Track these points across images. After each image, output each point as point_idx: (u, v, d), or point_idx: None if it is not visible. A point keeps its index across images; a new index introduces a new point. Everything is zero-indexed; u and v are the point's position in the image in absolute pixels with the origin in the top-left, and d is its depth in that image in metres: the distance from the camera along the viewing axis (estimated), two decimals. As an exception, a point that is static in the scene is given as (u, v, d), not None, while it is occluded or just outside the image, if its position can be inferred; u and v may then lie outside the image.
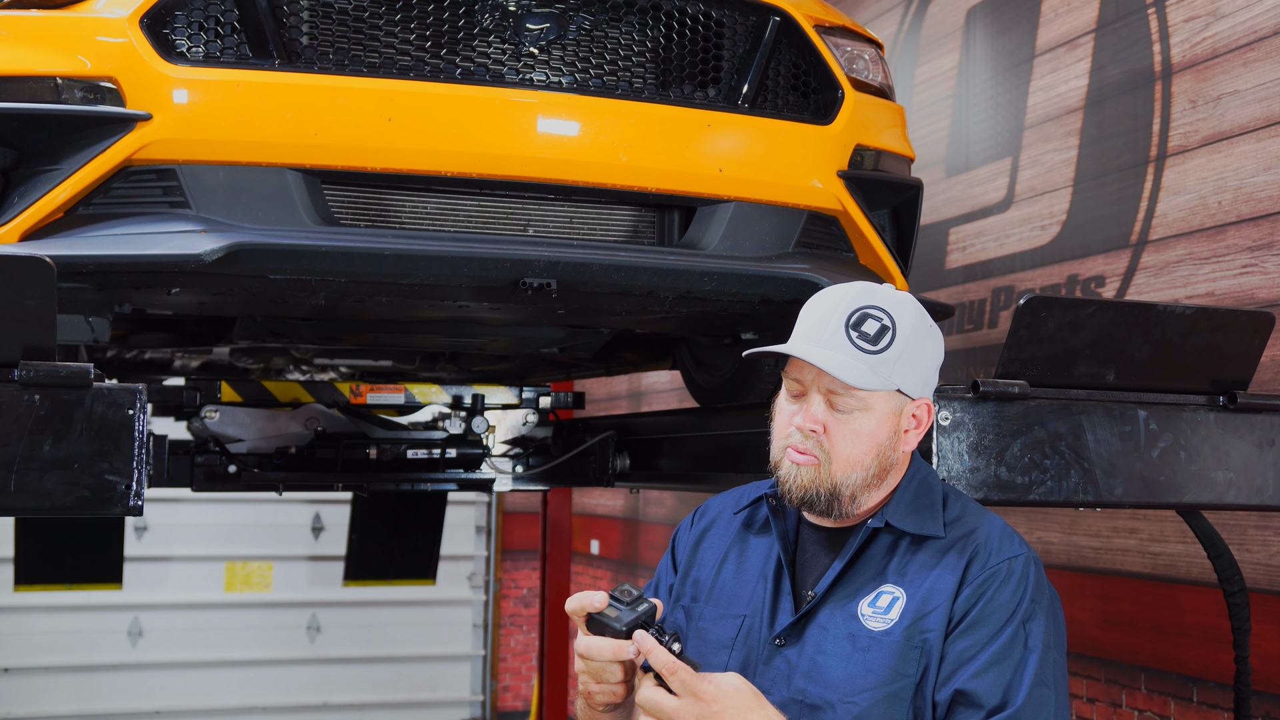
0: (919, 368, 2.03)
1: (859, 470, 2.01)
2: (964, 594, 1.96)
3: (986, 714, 1.89)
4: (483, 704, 10.35)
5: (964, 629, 1.94)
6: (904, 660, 1.95)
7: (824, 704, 1.96)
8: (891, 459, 2.04)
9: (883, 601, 2.00)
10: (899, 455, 2.06)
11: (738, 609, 2.10)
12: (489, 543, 10.48)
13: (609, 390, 9.13)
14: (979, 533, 2.03)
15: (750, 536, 2.17)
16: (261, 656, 9.68)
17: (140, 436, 2.18)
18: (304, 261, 2.67)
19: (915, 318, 2.04)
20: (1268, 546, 3.96)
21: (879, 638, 1.97)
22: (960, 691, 1.91)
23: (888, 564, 2.03)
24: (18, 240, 2.57)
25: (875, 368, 1.99)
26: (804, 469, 2.01)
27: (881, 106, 3.28)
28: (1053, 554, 4.94)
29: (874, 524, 2.03)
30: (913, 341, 2.02)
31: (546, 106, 2.86)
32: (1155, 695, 4.43)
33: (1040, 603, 1.98)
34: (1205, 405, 2.74)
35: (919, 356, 2.03)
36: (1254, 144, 4.08)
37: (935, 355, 2.08)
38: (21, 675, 9.18)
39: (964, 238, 5.49)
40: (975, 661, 1.92)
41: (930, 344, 2.07)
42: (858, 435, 2.01)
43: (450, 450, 4.80)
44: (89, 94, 2.62)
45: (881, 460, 2.03)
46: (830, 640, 1.99)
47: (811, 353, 1.98)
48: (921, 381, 2.05)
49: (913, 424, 2.06)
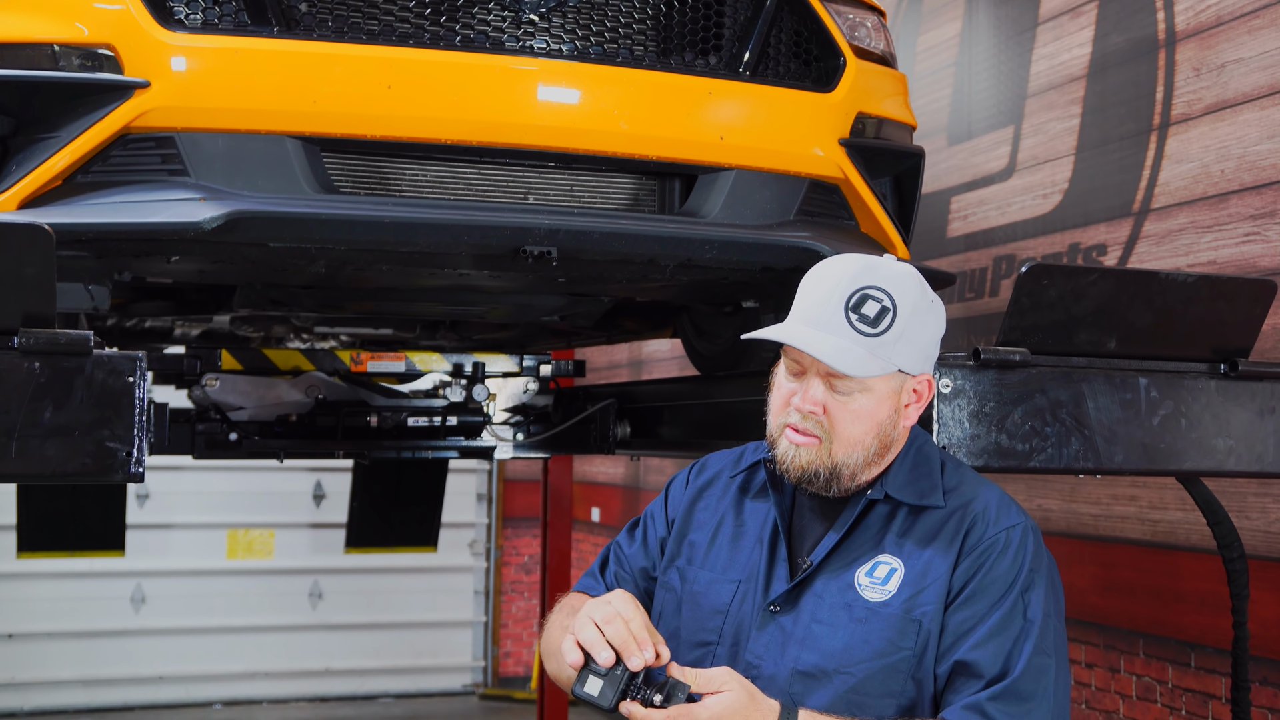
0: (919, 345, 2.02)
1: (859, 450, 2.00)
2: (962, 565, 1.97)
3: (986, 684, 1.90)
4: (484, 670, 10.41)
5: (963, 600, 1.95)
6: (901, 634, 1.95)
7: (819, 673, 1.97)
8: (892, 436, 2.03)
9: (880, 572, 2.00)
10: (899, 431, 2.05)
11: (733, 574, 2.10)
12: (490, 510, 10.51)
13: (610, 358, 9.13)
14: (977, 502, 2.03)
15: (747, 500, 2.17)
16: (264, 623, 9.72)
17: (141, 404, 2.18)
18: (303, 229, 2.66)
19: (916, 295, 2.01)
20: (1267, 513, 3.97)
21: (876, 609, 1.97)
22: (960, 662, 1.92)
23: (885, 534, 2.02)
24: (16, 208, 2.56)
25: (875, 351, 1.96)
26: (803, 450, 2.00)
27: (883, 74, 3.26)
28: (1052, 521, 4.95)
29: (873, 495, 2.03)
30: (913, 321, 1.99)
31: (547, 74, 2.84)
32: (1153, 661, 4.45)
33: (1039, 571, 1.98)
34: (1206, 373, 2.74)
35: (919, 335, 2.01)
36: (1258, 112, 4.06)
37: (936, 331, 2.06)
38: (25, 641, 9.23)
39: (966, 206, 5.48)
40: (975, 633, 1.93)
41: (931, 320, 2.04)
42: (857, 416, 1.99)
43: (451, 418, 4.80)
44: (86, 61, 2.61)
45: (882, 438, 2.02)
46: (826, 609, 1.99)
47: (810, 340, 1.96)
48: (922, 358, 2.03)
49: (913, 399, 2.05)
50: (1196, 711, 4.25)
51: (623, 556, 2.24)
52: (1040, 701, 1.90)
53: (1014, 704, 1.89)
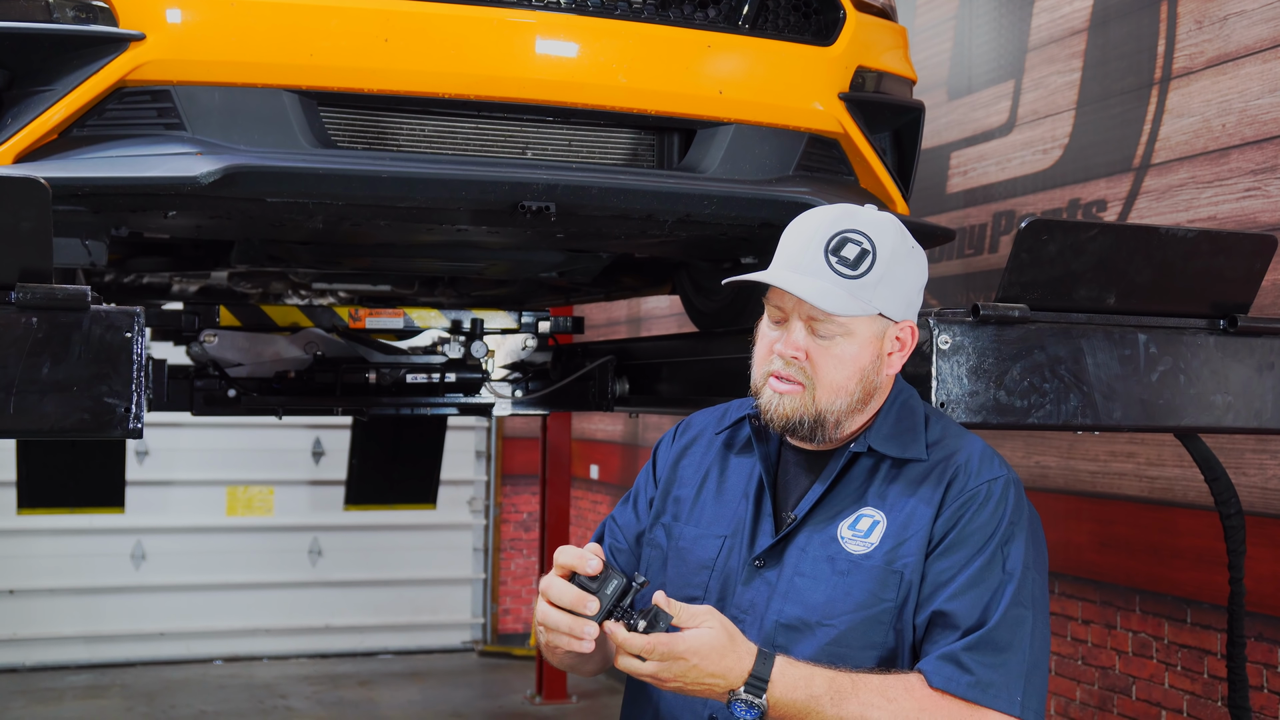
0: (900, 290, 2.02)
1: (843, 396, 2.01)
2: (943, 516, 1.98)
3: (962, 634, 1.91)
4: (483, 626, 10.46)
5: (942, 551, 1.96)
6: (883, 585, 1.96)
7: (802, 625, 1.98)
8: (875, 383, 2.04)
9: (863, 525, 2.01)
10: (883, 379, 2.05)
11: (719, 529, 2.11)
12: (489, 467, 10.53)
13: (608, 315, 9.12)
14: (959, 455, 2.03)
15: (731, 456, 2.17)
16: (263, 580, 9.76)
17: (139, 359, 2.17)
18: (301, 184, 2.65)
19: (896, 240, 2.02)
20: (1264, 470, 3.98)
21: (859, 562, 1.98)
22: (938, 612, 1.93)
23: (868, 487, 2.03)
24: (12, 162, 2.55)
25: (855, 293, 1.98)
26: (786, 398, 2.00)
27: (883, 28, 3.24)
28: (1050, 478, 4.96)
29: (856, 448, 2.04)
30: (893, 264, 2.00)
31: (545, 26, 2.82)
32: (1150, 617, 4.47)
33: (1019, 524, 1.98)
34: (1205, 329, 2.73)
35: (900, 279, 2.02)
36: (1260, 65, 4.04)
37: (918, 277, 2.07)
38: (26, 597, 9.27)
39: (965, 162, 5.46)
40: (953, 583, 1.94)
41: (912, 265, 2.05)
42: (840, 360, 2.00)
43: (449, 375, 4.80)
44: (81, 13, 2.59)
45: (865, 385, 2.02)
46: (809, 562, 2.00)
47: (790, 280, 1.97)
48: (904, 304, 2.03)
49: (896, 346, 2.05)
50: (1192, 667, 4.28)
51: (616, 528, 2.25)
52: (1016, 652, 1.91)
53: (989, 654, 1.90)
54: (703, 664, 1.85)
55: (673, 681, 1.87)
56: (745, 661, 1.87)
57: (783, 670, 1.88)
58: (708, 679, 1.86)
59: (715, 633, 1.86)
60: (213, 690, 8.87)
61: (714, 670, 1.86)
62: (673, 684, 1.88)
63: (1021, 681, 1.91)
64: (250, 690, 8.89)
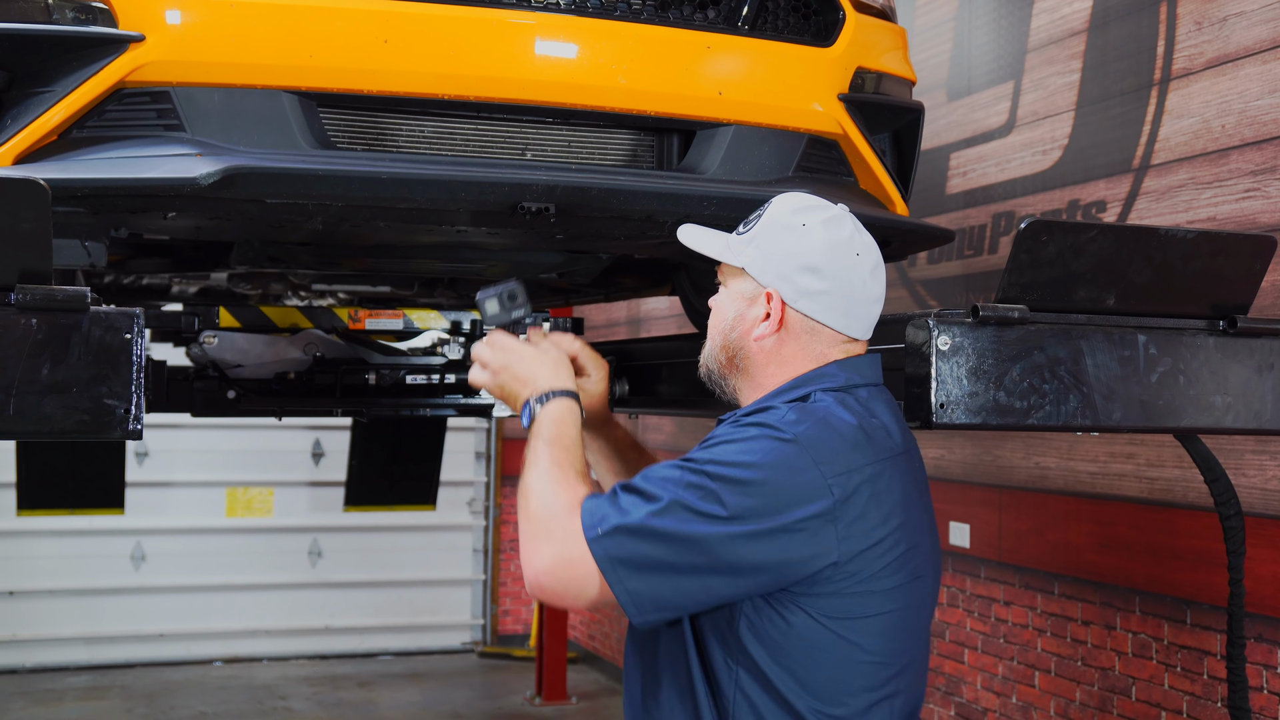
0: (770, 254, 2.14)
1: (711, 348, 2.24)
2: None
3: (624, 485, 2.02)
4: (483, 628, 10.46)
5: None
6: None
7: None
8: (735, 345, 2.18)
9: None
10: (749, 346, 2.16)
11: None
12: (489, 468, 10.53)
13: (608, 316, 9.12)
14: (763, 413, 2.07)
15: None
16: (263, 581, 9.76)
17: (138, 360, 2.17)
18: (300, 185, 2.65)
19: (784, 210, 2.17)
20: (1264, 471, 3.98)
21: None
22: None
23: None
24: (11, 163, 2.55)
25: (731, 244, 2.19)
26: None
27: (883, 28, 3.24)
28: (1050, 479, 4.96)
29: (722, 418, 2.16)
30: (770, 228, 2.16)
31: (544, 28, 2.82)
32: (1149, 618, 4.47)
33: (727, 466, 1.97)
34: (1205, 330, 2.73)
35: (772, 244, 2.14)
36: (1259, 66, 4.04)
37: (794, 250, 2.12)
38: (26, 599, 9.27)
39: (965, 163, 5.46)
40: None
41: (789, 238, 2.13)
42: (715, 311, 2.24)
43: (449, 376, 4.80)
44: (80, 14, 2.59)
45: (726, 343, 2.19)
46: None
47: (687, 231, 2.27)
48: (772, 270, 2.13)
49: (761, 315, 2.15)
50: (1192, 668, 4.28)
51: None
52: (635, 512, 1.96)
53: (626, 495, 1.99)
54: (518, 365, 2.23)
55: (499, 374, 2.25)
56: (548, 383, 2.20)
57: (568, 407, 2.18)
58: (518, 383, 2.23)
59: (542, 350, 2.26)
60: (212, 691, 8.87)
61: (524, 374, 2.22)
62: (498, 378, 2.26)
63: (619, 525, 1.95)
64: (250, 691, 8.89)
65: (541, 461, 2.11)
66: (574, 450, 2.12)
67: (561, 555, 1.98)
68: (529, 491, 2.09)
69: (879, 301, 2.19)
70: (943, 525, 5.60)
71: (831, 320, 2.13)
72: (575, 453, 2.12)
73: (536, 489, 2.08)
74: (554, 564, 1.98)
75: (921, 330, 2.49)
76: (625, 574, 1.93)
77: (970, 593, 5.42)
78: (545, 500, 2.05)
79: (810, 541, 1.94)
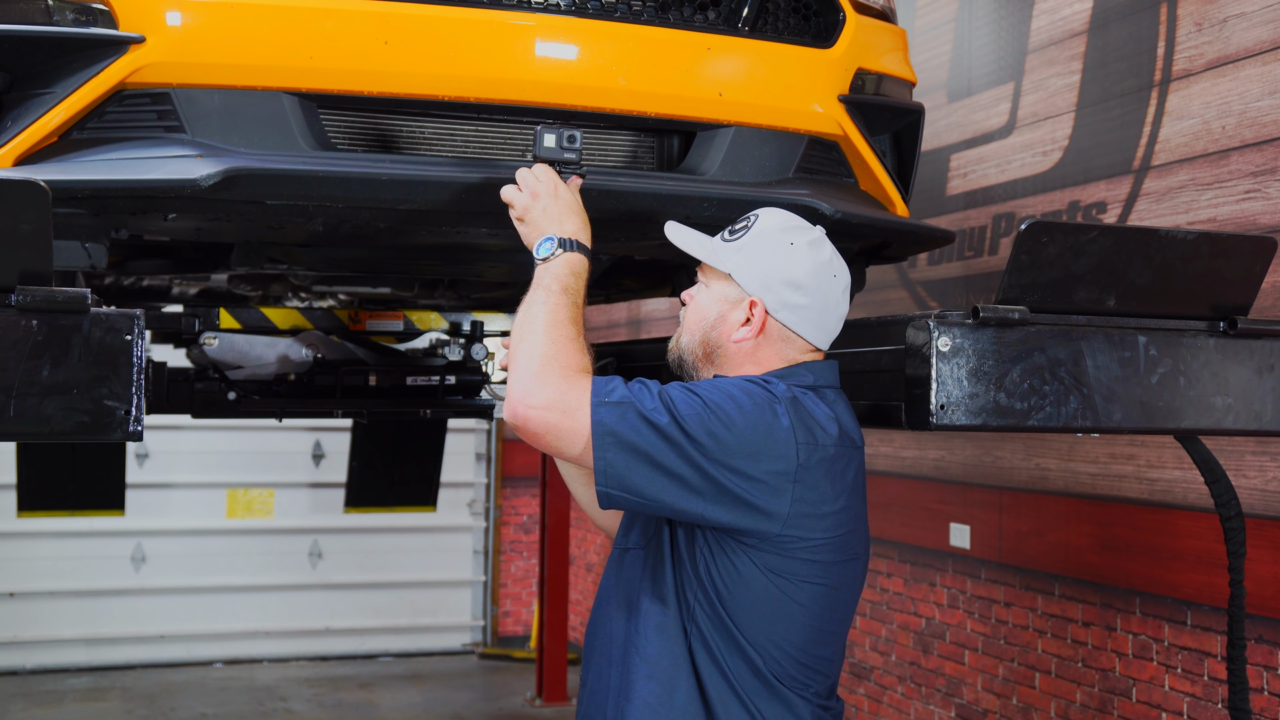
0: (756, 265, 2.33)
1: (688, 340, 2.39)
2: None
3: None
4: (483, 629, 10.46)
5: None
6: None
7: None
8: (714, 342, 2.35)
9: None
10: (728, 346, 2.34)
11: None
12: (489, 470, 10.53)
13: (608, 318, 9.13)
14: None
15: None
16: (264, 582, 9.77)
17: (139, 362, 2.17)
18: (301, 187, 2.65)
19: (774, 225, 2.36)
20: (1264, 472, 3.98)
21: None
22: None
23: None
24: (12, 165, 2.55)
25: (717, 249, 2.37)
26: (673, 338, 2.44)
27: (883, 30, 3.24)
28: (1050, 480, 4.96)
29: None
30: (759, 241, 2.34)
31: (544, 29, 2.82)
32: (1150, 619, 4.47)
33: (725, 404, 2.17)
34: (1205, 331, 2.73)
35: (759, 256, 2.33)
36: (1260, 67, 4.04)
37: (781, 266, 2.32)
38: (26, 600, 9.27)
39: (965, 164, 5.46)
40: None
41: (776, 254, 2.33)
42: (695, 307, 2.40)
43: (450, 377, 4.80)
44: (80, 16, 2.59)
45: (705, 339, 2.36)
46: None
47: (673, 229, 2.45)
48: (757, 280, 2.33)
49: (742, 319, 2.33)
50: (1192, 669, 4.28)
51: None
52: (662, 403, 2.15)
53: (645, 389, 2.19)
54: (555, 203, 2.39)
55: (536, 200, 2.40)
56: (575, 231, 2.37)
57: (585, 265, 2.35)
58: (548, 218, 2.38)
59: (580, 204, 2.43)
60: (213, 693, 8.87)
61: (557, 214, 2.38)
62: (535, 203, 2.40)
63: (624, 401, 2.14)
64: (250, 693, 8.89)
65: (559, 310, 2.26)
66: (582, 309, 2.31)
67: (561, 402, 2.14)
68: (538, 330, 2.23)
69: (843, 319, 2.44)
70: (943, 526, 5.61)
71: (805, 331, 2.36)
72: (581, 312, 2.31)
73: (550, 333, 2.22)
74: (549, 405, 2.14)
75: (922, 331, 2.49)
76: (610, 444, 2.12)
77: (971, 594, 5.42)
78: (560, 348, 2.21)
79: (770, 494, 2.16)
